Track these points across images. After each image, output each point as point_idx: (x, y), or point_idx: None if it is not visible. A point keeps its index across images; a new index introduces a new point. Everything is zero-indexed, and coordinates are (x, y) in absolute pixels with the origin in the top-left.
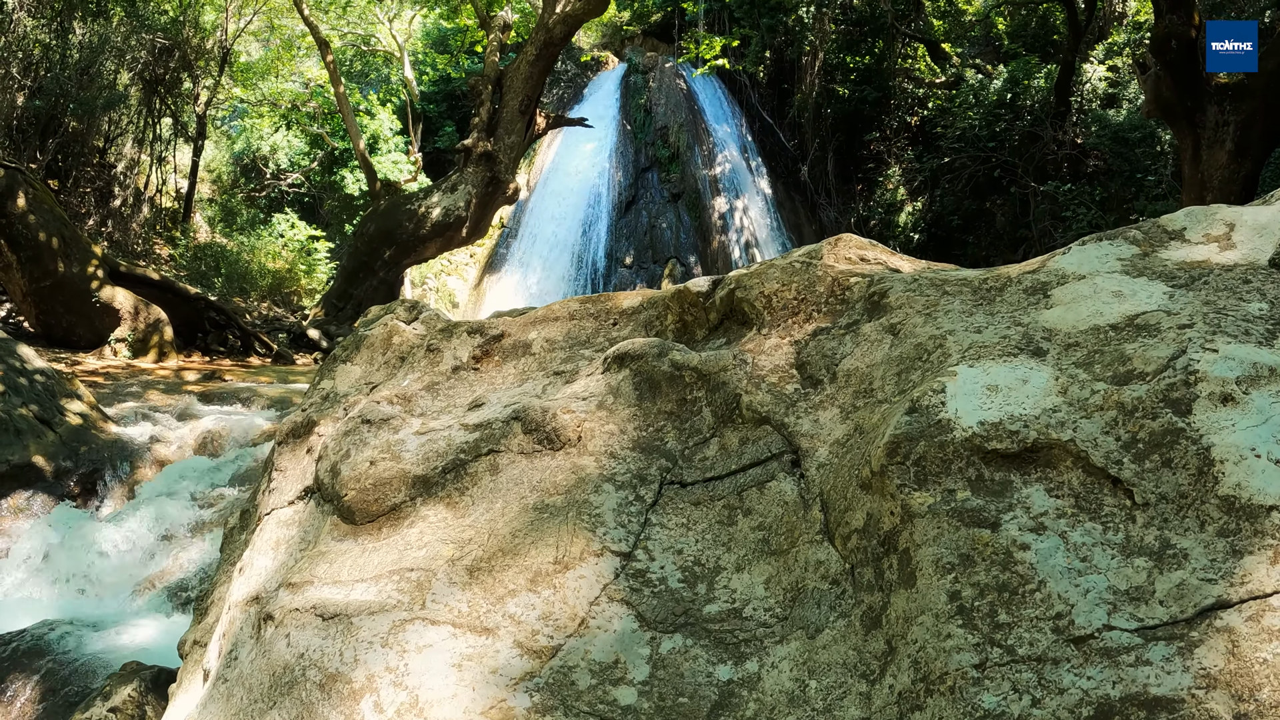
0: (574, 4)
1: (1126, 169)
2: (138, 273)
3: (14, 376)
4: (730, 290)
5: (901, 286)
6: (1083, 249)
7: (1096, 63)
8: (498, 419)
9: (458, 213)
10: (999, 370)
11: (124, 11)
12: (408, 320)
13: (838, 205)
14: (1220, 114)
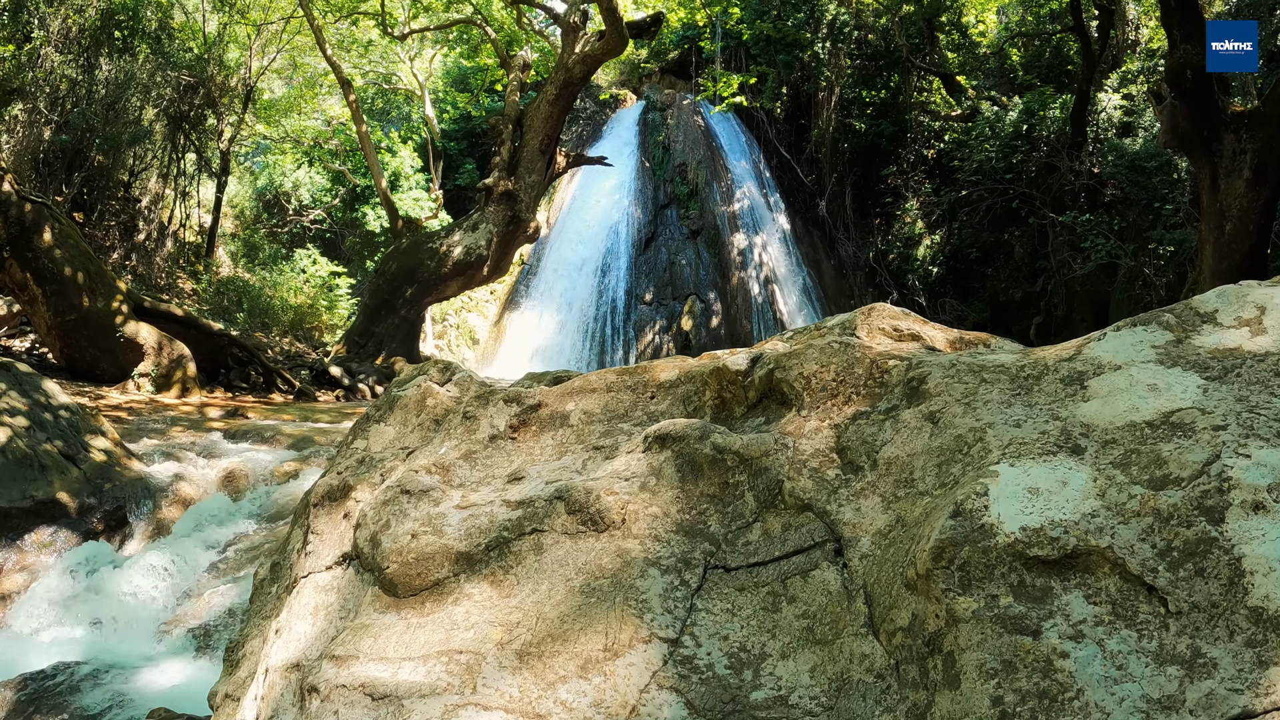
0: (593, 44)
1: (1144, 197)
2: (161, 308)
3: (39, 412)
4: (769, 370)
5: (940, 372)
6: (1118, 335)
7: (1111, 91)
8: (540, 497)
9: (479, 251)
10: (1039, 471)
11: (150, 49)
12: (441, 381)
13: (856, 240)
14: (1237, 142)
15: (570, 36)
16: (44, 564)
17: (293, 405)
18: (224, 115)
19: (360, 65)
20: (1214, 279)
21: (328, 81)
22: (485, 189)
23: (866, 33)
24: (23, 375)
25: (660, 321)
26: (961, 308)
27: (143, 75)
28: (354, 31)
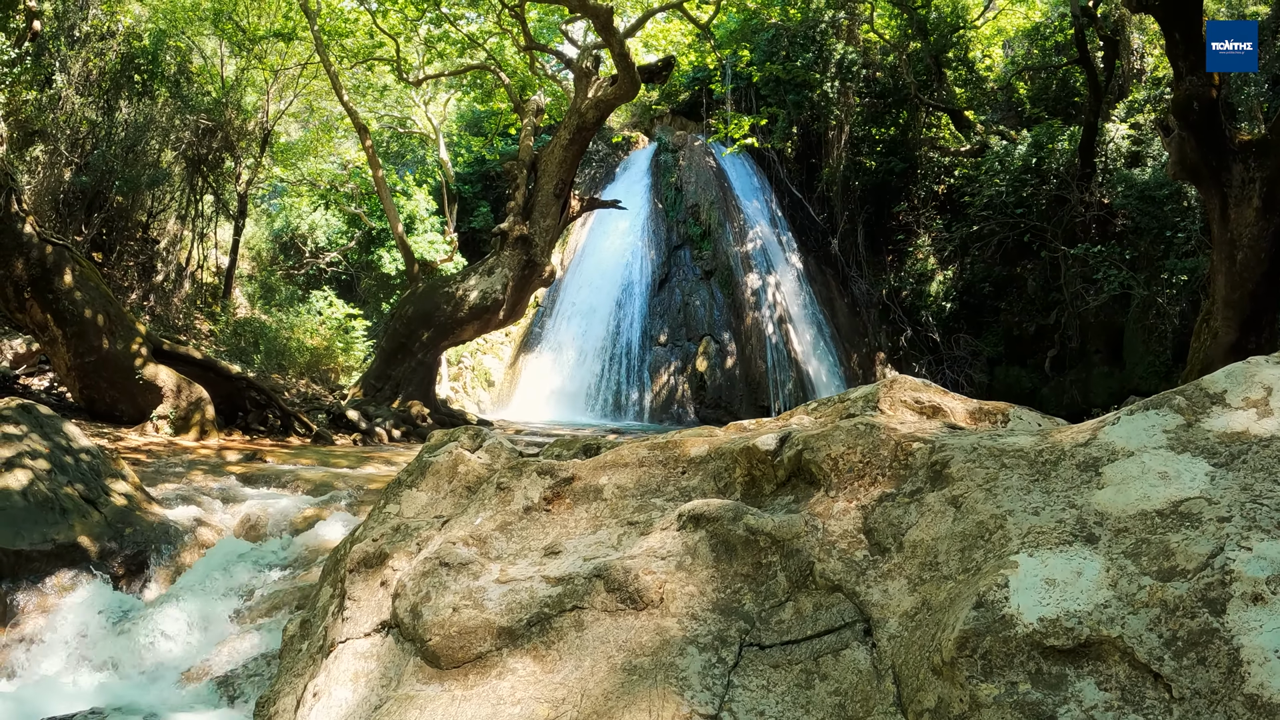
0: (606, 89)
1: (1155, 226)
2: (180, 351)
3: (60, 454)
4: (798, 451)
5: (962, 456)
6: (1131, 419)
7: (1119, 121)
8: (579, 574)
9: (495, 295)
10: (1056, 561)
11: (169, 92)
12: (472, 448)
13: (869, 277)
14: (1245, 171)
15: (583, 81)
16: (65, 607)
17: (310, 449)
18: (241, 158)
19: (375, 109)
20: (1227, 308)
21: (344, 125)
22: (500, 233)
23: (874, 71)
24: (44, 417)
25: (675, 362)
26: (976, 342)
27: (162, 118)
28: (369, 76)
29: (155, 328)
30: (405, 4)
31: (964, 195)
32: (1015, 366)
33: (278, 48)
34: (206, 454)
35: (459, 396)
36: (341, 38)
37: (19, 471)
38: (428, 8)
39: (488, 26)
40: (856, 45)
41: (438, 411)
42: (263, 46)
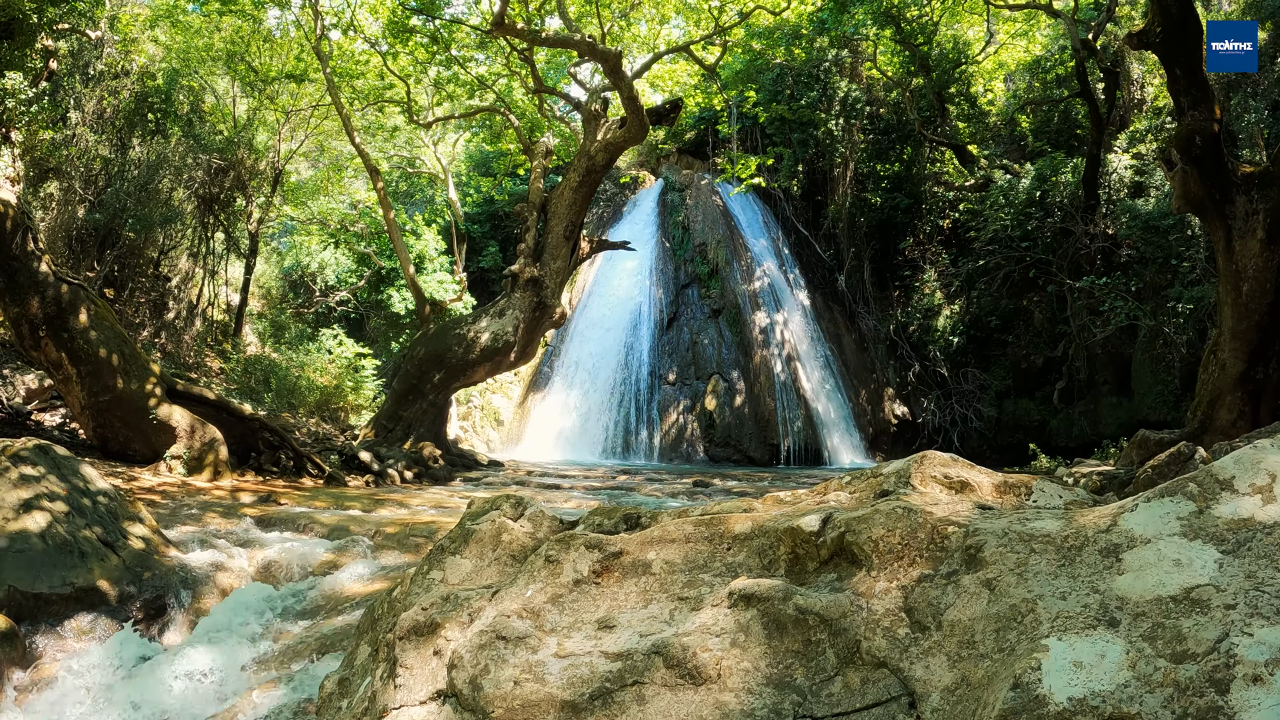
0: (614, 132)
1: (1160, 256)
2: (194, 391)
3: (77, 497)
4: (840, 533)
5: (994, 541)
6: (1148, 506)
7: (1121, 152)
8: (638, 650)
9: (506, 337)
10: (1082, 645)
11: (181, 131)
12: (514, 517)
13: (876, 313)
14: (1249, 203)
15: (591, 124)
16: (84, 651)
17: (324, 491)
18: (253, 197)
19: (385, 150)
20: (1234, 339)
21: (354, 165)
22: (511, 275)
23: (878, 107)
24: (61, 459)
25: (684, 401)
26: (983, 376)
27: (175, 157)
28: (379, 118)
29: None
30: (415, 46)
31: (969, 230)
32: (1024, 399)
33: (289, 88)
34: (221, 495)
35: (468, 436)
36: (352, 79)
37: (37, 514)
38: (437, 50)
39: (496, 69)
40: (860, 83)
41: (449, 452)
42: (275, 87)
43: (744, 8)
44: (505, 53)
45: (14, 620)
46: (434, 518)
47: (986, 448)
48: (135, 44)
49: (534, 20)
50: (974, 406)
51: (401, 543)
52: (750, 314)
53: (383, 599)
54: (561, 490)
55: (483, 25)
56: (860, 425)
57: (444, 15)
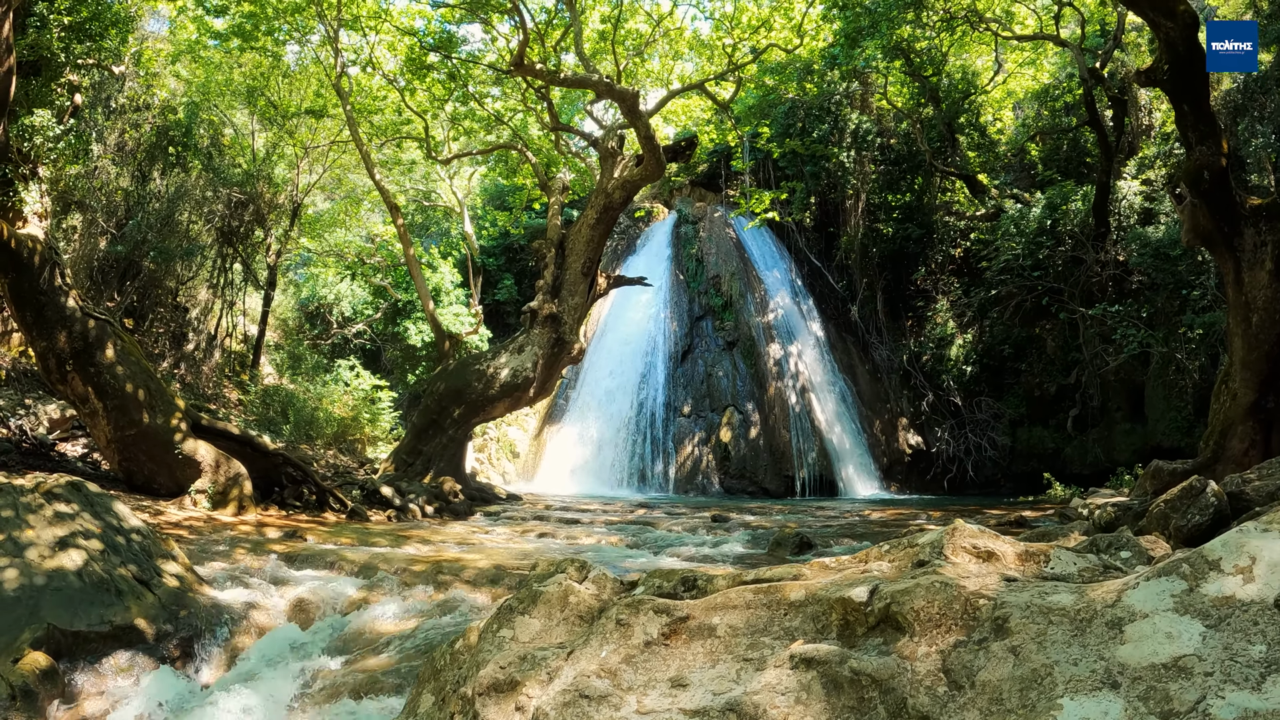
0: (631, 169)
1: (1170, 283)
2: (218, 426)
3: (112, 535)
4: (886, 604)
5: (1019, 613)
6: (1147, 585)
7: (1130, 179)
8: (713, 707)
9: (525, 373)
10: (1090, 704)
11: (201, 165)
12: (579, 579)
13: (889, 343)
14: (1257, 236)
15: (608, 161)
16: (122, 689)
17: (347, 526)
18: (271, 230)
19: (401, 183)
20: (1245, 369)
21: (371, 198)
22: (530, 312)
23: (889, 138)
24: (94, 496)
25: (699, 433)
26: (997, 405)
27: (195, 190)
28: (396, 152)
29: (186, 396)
30: (433, 83)
31: (981, 259)
32: (1038, 427)
33: (308, 123)
34: (247, 530)
35: (484, 468)
36: (370, 115)
37: (73, 552)
38: (455, 87)
39: (513, 104)
40: (871, 114)
41: (468, 486)
42: (294, 122)
43: (757, 45)
44: (521, 89)
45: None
46: (459, 555)
47: (1001, 476)
48: (157, 78)
49: (550, 57)
50: (988, 435)
51: (429, 580)
52: (764, 346)
53: (444, 650)
54: (582, 525)
55: (499, 64)
56: (875, 456)
57: (460, 52)
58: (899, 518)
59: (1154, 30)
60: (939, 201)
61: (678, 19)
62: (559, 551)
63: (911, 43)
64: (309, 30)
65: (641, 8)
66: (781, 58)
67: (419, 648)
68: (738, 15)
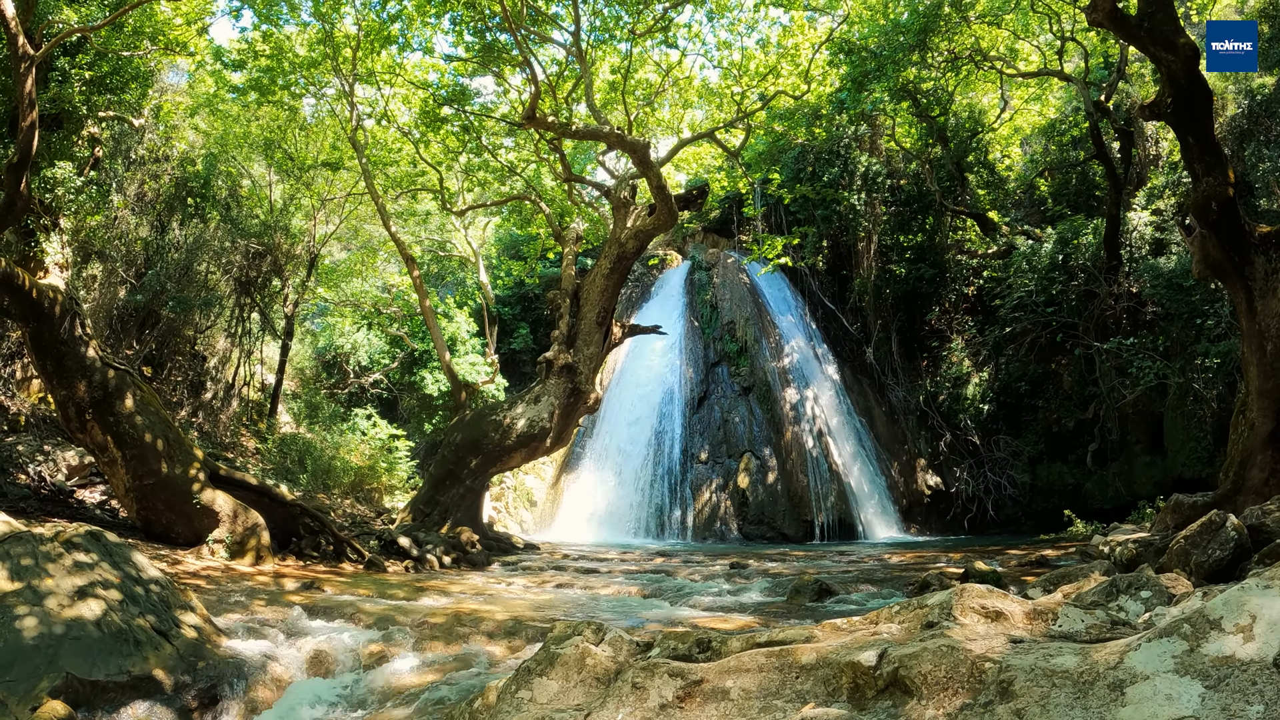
0: (643, 219)
1: (1185, 313)
2: (236, 476)
3: (130, 585)
4: (894, 668)
5: (1023, 676)
6: (1149, 646)
7: (1140, 210)
8: None
9: (542, 424)
10: None
11: (220, 216)
12: (595, 642)
13: (905, 384)
14: (1268, 263)
15: (621, 211)
16: None
17: (364, 577)
18: (289, 280)
19: (416, 233)
20: (1261, 398)
21: (387, 248)
22: (546, 362)
23: (899, 179)
24: (113, 546)
25: (717, 480)
26: (1015, 442)
27: (214, 241)
28: (412, 204)
29: (203, 445)
30: (447, 135)
31: (994, 297)
32: (1057, 463)
33: (325, 174)
34: (264, 581)
35: (501, 516)
36: (386, 166)
37: (92, 601)
38: (468, 139)
39: (526, 155)
40: (880, 156)
41: (485, 536)
42: (311, 174)
43: (765, 92)
44: (534, 140)
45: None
46: (476, 606)
47: (1021, 514)
48: (176, 130)
49: (562, 109)
50: (1007, 474)
51: (448, 633)
52: (780, 390)
53: (463, 709)
54: (600, 575)
55: (512, 116)
56: (894, 498)
57: (474, 104)
58: (919, 561)
59: (1156, 64)
60: (950, 241)
61: (686, 68)
62: (576, 602)
63: (917, 84)
64: (325, 84)
65: (650, 58)
66: (790, 104)
67: (437, 703)
68: (745, 63)
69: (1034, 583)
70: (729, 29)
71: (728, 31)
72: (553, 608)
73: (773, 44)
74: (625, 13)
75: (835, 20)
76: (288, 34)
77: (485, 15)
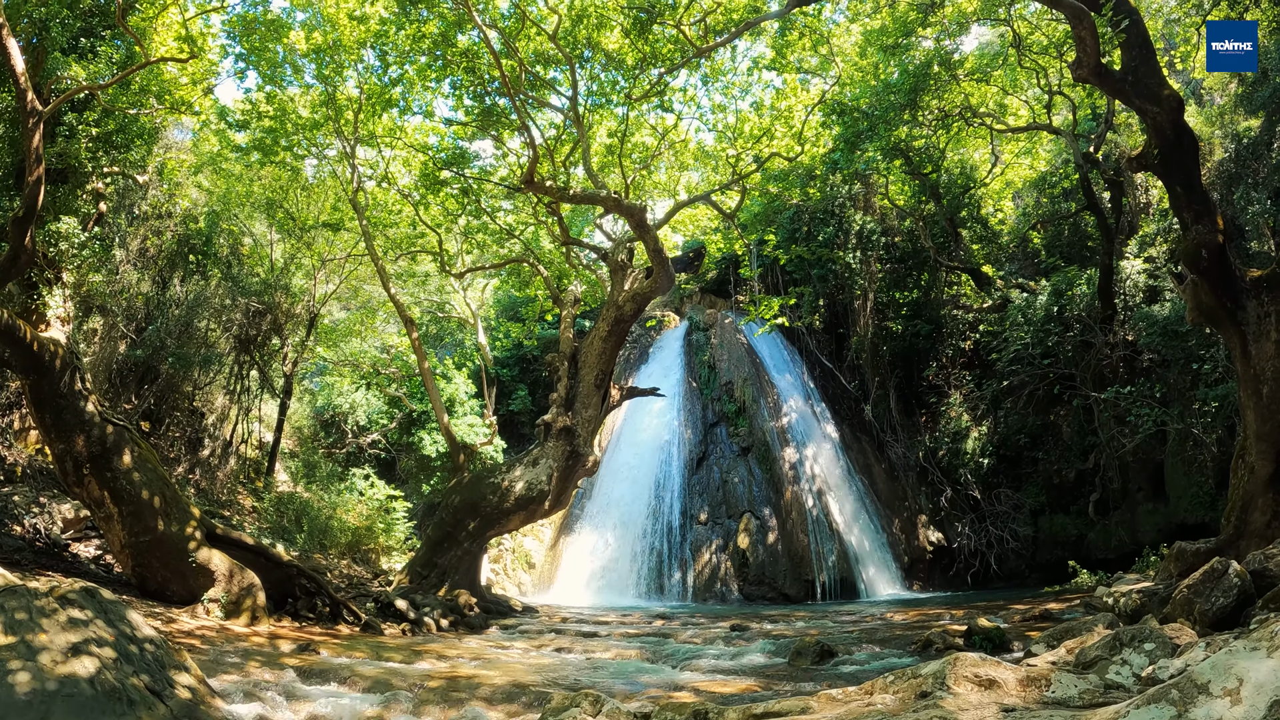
0: (641, 282)
1: (1181, 358)
2: (233, 536)
3: (125, 643)
4: None
5: None
6: (1138, 712)
7: (1133, 258)
8: None
9: (540, 487)
10: None
11: (221, 274)
12: (593, 714)
13: (904, 440)
14: (1260, 307)
15: (618, 274)
16: None
17: (361, 639)
18: (288, 339)
19: (416, 295)
20: (1260, 441)
21: (386, 309)
22: (544, 425)
23: (893, 236)
24: (108, 603)
25: (717, 540)
26: (1016, 495)
27: (215, 299)
28: (411, 265)
29: (200, 502)
30: (446, 197)
31: (991, 351)
32: (1059, 515)
33: (325, 235)
34: (260, 642)
35: (500, 579)
36: (386, 228)
37: (86, 659)
38: (467, 201)
39: (524, 217)
40: (874, 214)
41: (483, 599)
42: (311, 233)
43: (760, 154)
44: (533, 203)
45: None
46: (474, 671)
47: (1025, 567)
48: (179, 188)
49: (560, 172)
50: (1009, 527)
51: (445, 697)
52: (779, 450)
53: None
54: (600, 638)
55: (511, 179)
56: (896, 555)
57: (473, 167)
58: (922, 619)
59: (1141, 116)
60: (946, 296)
61: (682, 131)
62: (576, 667)
63: (909, 142)
64: (327, 145)
65: (647, 121)
66: (784, 165)
67: None
68: (740, 125)
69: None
70: (723, 92)
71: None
72: (552, 672)
73: (766, 106)
74: (622, 78)
75: (827, 82)
76: (291, 95)
77: (485, 80)
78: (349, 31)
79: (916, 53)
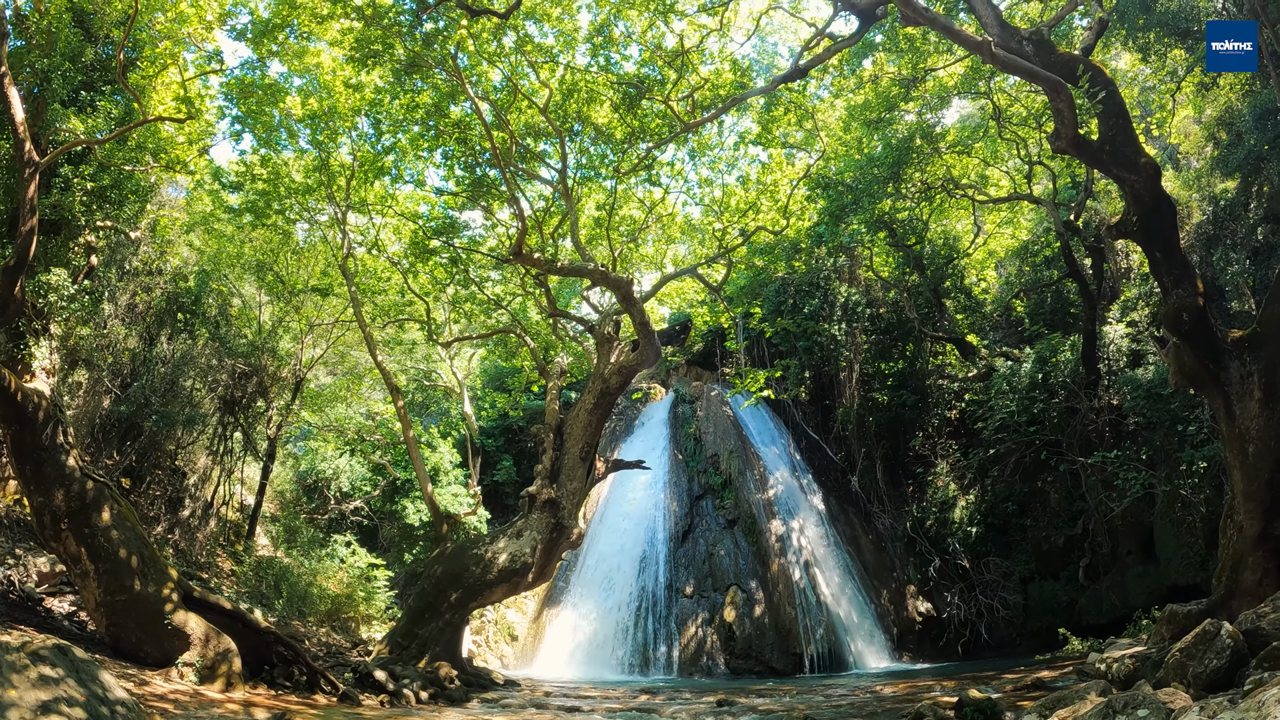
0: (627, 354)
1: (1166, 421)
2: (210, 600)
3: (96, 704)
4: None
5: None
6: None
7: (1115, 323)
8: None
9: (524, 559)
10: None
11: (209, 334)
12: None
13: (891, 511)
14: (1242, 367)
15: (605, 347)
16: None
17: (337, 709)
18: (273, 402)
19: (402, 363)
20: (1248, 500)
21: (372, 375)
22: (529, 497)
23: (878, 308)
24: (80, 662)
25: (703, 614)
26: (1005, 564)
27: (201, 359)
28: (398, 333)
29: (179, 563)
30: (435, 266)
31: (977, 419)
32: (1049, 581)
33: (314, 299)
34: (234, 710)
35: (481, 651)
36: (374, 295)
37: (56, 718)
38: (456, 271)
39: (512, 288)
40: (859, 286)
41: (464, 671)
42: (300, 297)
43: (746, 227)
44: (520, 273)
45: None
46: None
47: (1016, 635)
48: (171, 246)
49: (548, 244)
50: (999, 595)
51: None
52: (766, 522)
53: None
54: (582, 714)
55: (499, 249)
56: (884, 626)
57: (462, 237)
58: (912, 691)
59: (1119, 184)
60: (931, 366)
61: (669, 204)
62: None
63: (893, 214)
64: (318, 210)
65: (634, 194)
66: (770, 239)
67: None
68: (726, 199)
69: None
70: (710, 166)
71: (709, 169)
72: None
73: (752, 180)
74: (610, 151)
75: (812, 156)
76: (285, 159)
77: (476, 151)
78: (344, 99)
79: (899, 126)
